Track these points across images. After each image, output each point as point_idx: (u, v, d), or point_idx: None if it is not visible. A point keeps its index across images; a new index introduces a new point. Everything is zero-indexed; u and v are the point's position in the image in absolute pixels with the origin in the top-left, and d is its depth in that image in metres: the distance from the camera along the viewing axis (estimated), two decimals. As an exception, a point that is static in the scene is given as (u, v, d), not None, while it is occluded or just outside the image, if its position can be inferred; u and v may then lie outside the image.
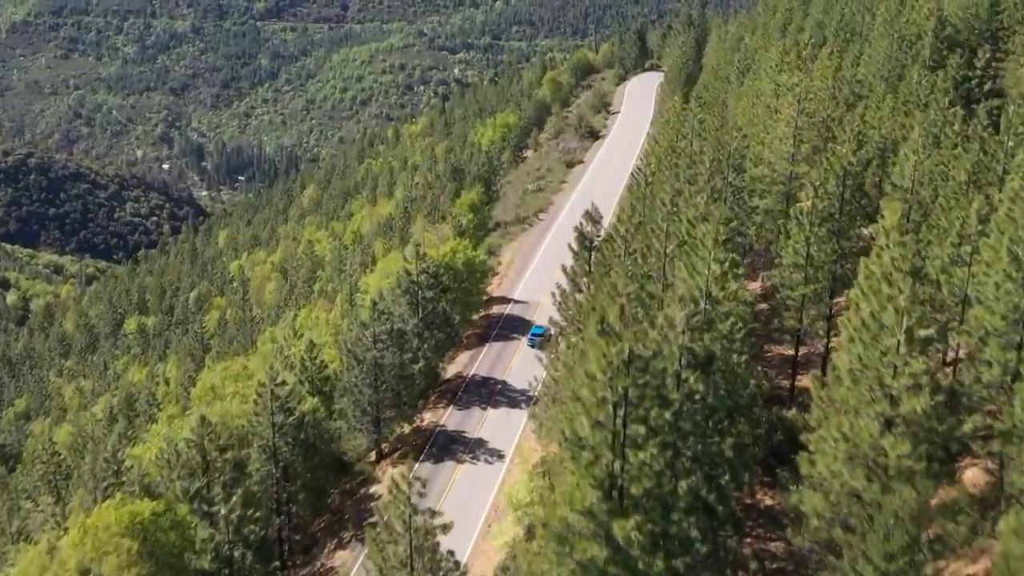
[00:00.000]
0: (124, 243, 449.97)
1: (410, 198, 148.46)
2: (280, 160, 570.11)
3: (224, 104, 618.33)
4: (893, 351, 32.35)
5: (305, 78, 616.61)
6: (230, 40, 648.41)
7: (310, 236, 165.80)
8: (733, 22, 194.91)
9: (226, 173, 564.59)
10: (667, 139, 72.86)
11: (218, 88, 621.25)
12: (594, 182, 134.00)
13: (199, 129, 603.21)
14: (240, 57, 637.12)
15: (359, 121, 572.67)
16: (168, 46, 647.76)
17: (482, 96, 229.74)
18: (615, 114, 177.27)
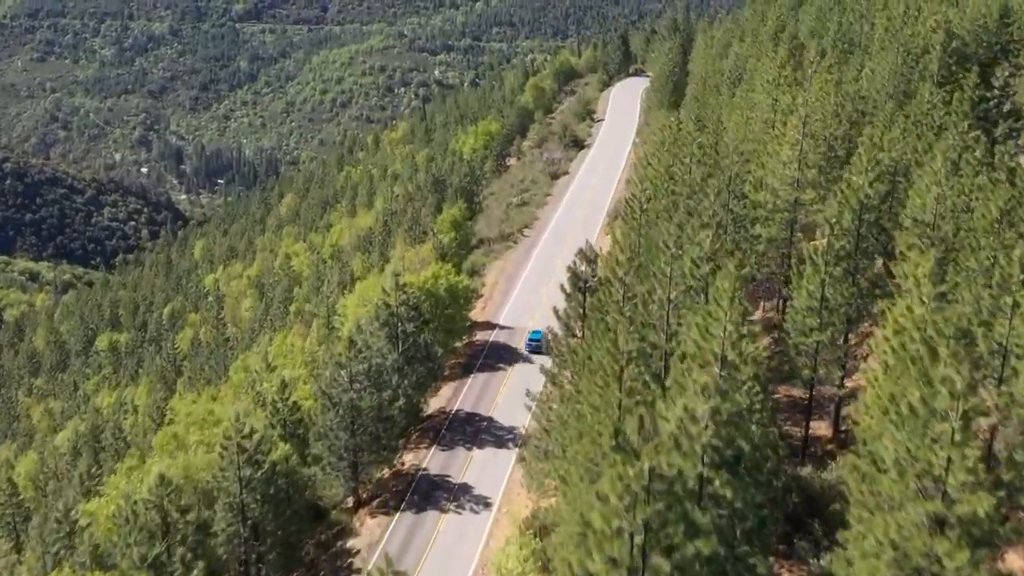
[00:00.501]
0: (102, 249, 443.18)
1: (390, 211, 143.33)
2: (260, 163, 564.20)
3: (203, 107, 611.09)
4: (947, 442, 27.60)
5: (284, 80, 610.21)
6: (209, 42, 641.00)
7: (287, 249, 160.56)
8: (719, 27, 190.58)
9: (205, 176, 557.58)
10: (662, 163, 67.99)
11: (197, 90, 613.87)
12: (580, 194, 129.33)
13: (178, 132, 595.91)
14: (219, 59, 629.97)
15: (339, 123, 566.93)
16: (146, 48, 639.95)
17: (463, 102, 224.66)
18: (599, 122, 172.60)
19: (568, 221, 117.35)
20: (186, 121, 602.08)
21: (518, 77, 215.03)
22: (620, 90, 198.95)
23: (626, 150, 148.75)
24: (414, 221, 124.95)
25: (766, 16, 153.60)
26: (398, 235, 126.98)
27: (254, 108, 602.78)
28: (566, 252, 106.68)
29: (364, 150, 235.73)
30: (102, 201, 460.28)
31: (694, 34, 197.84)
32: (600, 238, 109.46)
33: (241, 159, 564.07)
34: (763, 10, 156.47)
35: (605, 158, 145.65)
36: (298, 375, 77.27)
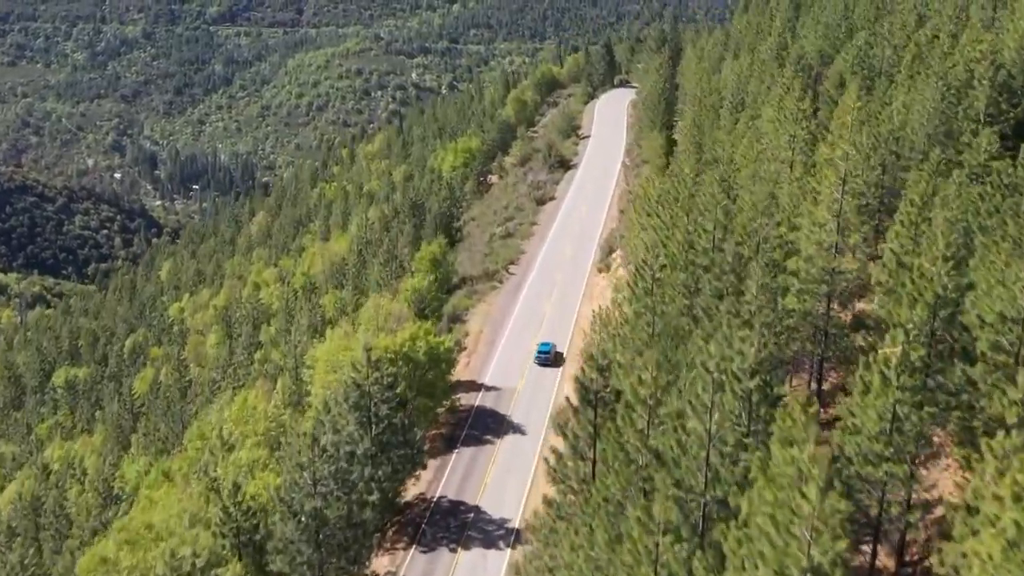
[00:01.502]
0: (74, 258, 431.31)
1: (364, 239, 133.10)
2: (235, 168, 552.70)
3: (177, 111, 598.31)
4: None
5: (260, 84, 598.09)
6: (183, 45, 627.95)
7: (256, 277, 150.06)
8: (707, 38, 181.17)
9: (180, 182, 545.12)
10: (676, 222, 57.82)
11: (171, 95, 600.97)
12: (568, 223, 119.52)
13: (152, 137, 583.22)
14: (193, 63, 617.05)
15: (316, 128, 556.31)
16: (119, 52, 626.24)
17: (442, 114, 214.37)
18: (585, 138, 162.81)
19: (557, 257, 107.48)
20: (160, 126, 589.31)
21: (498, 89, 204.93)
22: (605, 103, 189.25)
23: (615, 171, 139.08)
24: (390, 254, 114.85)
25: (761, 28, 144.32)
26: (373, 268, 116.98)
27: (229, 112, 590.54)
28: (556, 294, 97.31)
29: (339, 164, 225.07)
30: (74, 209, 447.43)
31: (682, 44, 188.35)
32: (592, 278, 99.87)
33: (216, 164, 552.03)
34: (757, 22, 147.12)
35: (593, 180, 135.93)
36: (257, 457, 67.06)
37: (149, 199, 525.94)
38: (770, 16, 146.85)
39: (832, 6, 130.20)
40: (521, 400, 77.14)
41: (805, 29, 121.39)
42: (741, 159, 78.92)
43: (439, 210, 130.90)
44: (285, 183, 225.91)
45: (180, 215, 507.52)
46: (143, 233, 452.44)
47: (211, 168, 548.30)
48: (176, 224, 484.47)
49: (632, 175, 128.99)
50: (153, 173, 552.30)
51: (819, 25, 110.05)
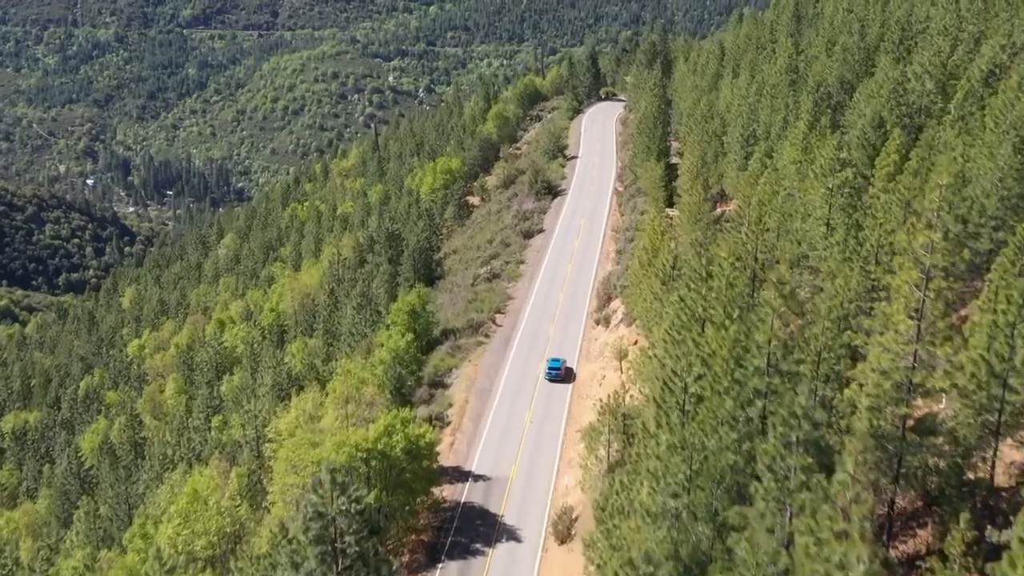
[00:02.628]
0: (44, 268, 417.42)
1: (336, 276, 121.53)
2: (210, 173, 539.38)
3: (151, 116, 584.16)
4: None
5: (235, 88, 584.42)
6: (156, 49, 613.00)
7: (221, 313, 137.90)
8: (699, 50, 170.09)
9: (154, 188, 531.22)
10: (721, 345, 45.78)
11: (144, 99, 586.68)
12: (559, 263, 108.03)
13: (124, 142, 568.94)
14: (167, 66, 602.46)
15: (291, 132, 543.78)
16: (91, 56, 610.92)
17: (419, 129, 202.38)
18: (573, 159, 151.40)
19: (548, 304, 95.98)
20: (133, 131, 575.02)
21: (479, 102, 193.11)
22: (592, 119, 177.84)
23: (607, 199, 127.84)
24: (364, 298, 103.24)
25: (761, 44, 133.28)
26: (346, 311, 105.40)
27: (203, 117, 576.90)
28: (549, 351, 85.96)
29: (312, 180, 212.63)
30: (44, 218, 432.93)
31: (671, 55, 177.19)
32: (588, 330, 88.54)
33: (191, 170, 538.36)
34: (757, 37, 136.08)
35: (584, 210, 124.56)
36: None
37: (122, 206, 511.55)
38: (770, 31, 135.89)
39: (841, 22, 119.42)
40: (515, 493, 65.63)
41: (814, 48, 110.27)
42: (762, 209, 67.56)
43: (417, 244, 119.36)
44: (255, 203, 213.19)
45: (154, 222, 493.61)
46: (115, 242, 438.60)
47: (185, 174, 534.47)
48: (149, 232, 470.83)
49: (627, 204, 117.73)
50: (126, 179, 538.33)
51: (834, 47, 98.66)
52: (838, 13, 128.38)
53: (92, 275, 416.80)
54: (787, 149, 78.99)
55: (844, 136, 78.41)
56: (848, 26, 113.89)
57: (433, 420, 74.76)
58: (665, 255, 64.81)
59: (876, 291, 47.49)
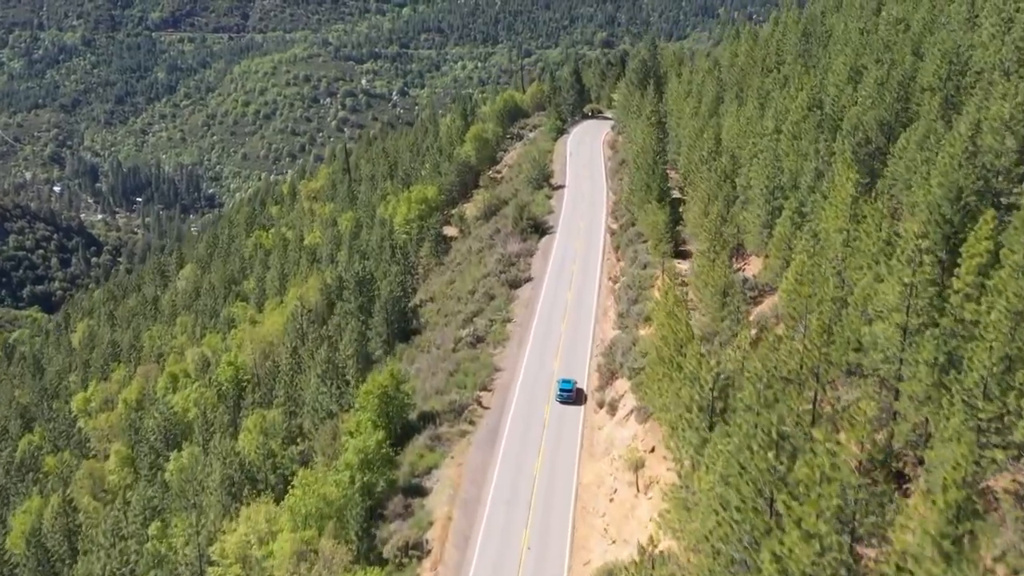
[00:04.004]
0: (8, 280, 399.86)
1: (300, 331, 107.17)
2: (180, 180, 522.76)
3: (119, 121, 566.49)
4: None
5: (205, 92, 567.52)
6: (124, 52, 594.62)
7: (174, 365, 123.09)
8: (691, 67, 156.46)
9: (122, 195, 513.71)
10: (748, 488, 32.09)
11: (112, 104, 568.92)
12: (550, 318, 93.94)
13: (92, 148, 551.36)
14: (135, 70, 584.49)
15: (263, 136, 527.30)
16: (57, 60, 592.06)
17: (393, 148, 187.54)
18: (559, 188, 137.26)
19: (541, 379, 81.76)
20: (101, 136, 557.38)
21: (456, 120, 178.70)
22: (578, 141, 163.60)
23: (600, 240, 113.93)
24: (330, 364, 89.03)
25: (767, 65, 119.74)
26: (309, 381, 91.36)
27: (173, 121, 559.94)
28: (546, 445, 72.05)
29: (278, 203, 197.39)
30: (7, 228, 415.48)
31: (661, 68, 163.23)
32: (590, 416, 74.68)
33: (160, 176, 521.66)
34: (763, 57, 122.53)
35: (576, 253, 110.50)
36: None
37: (90, 213, 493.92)
38: (776, 50, 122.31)
39: (860, 45, 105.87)
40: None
41: (834, 75, 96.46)
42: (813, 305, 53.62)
43: (390, 294, 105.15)
44: (219, 229, 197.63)
45: (122, 231, 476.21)
46: (81, 252, 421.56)
47: (154, 180, 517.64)
48: (117, 241, 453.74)
49: (625, 249, 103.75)
50: (94, 186, 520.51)
51: (859, 77, 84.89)
52: (852, 33, 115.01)
53: (58, 287, 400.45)
54: (829, 214, 65.24)
55: (889, 192, 64.92)
56: (872, 52, 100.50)
57: (409, 550, 60.70)
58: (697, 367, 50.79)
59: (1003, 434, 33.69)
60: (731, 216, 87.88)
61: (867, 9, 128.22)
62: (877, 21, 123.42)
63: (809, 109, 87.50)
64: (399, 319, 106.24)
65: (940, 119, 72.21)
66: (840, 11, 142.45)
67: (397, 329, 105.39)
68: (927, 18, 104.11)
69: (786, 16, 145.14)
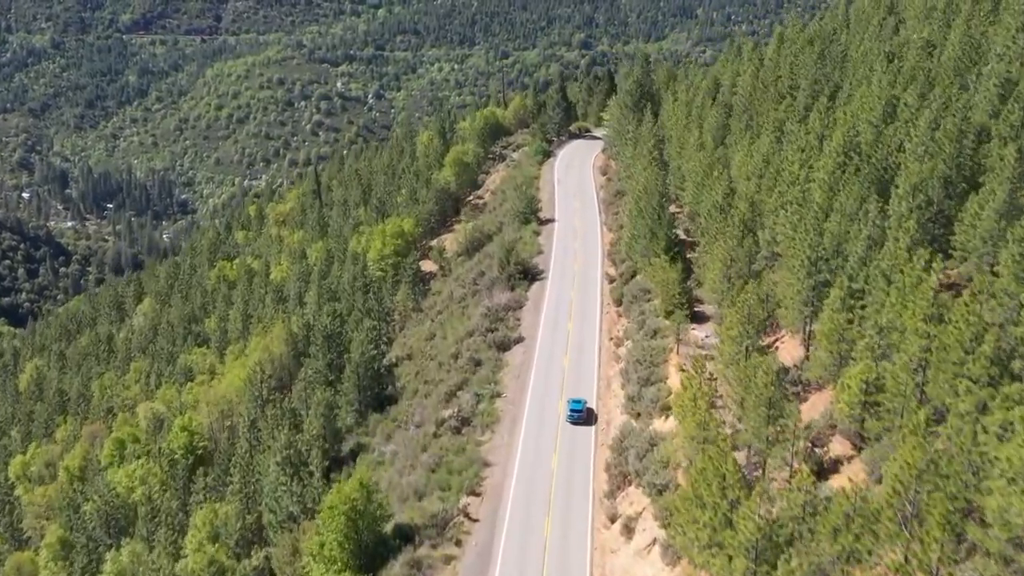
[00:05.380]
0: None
1: (260, 399, 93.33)
2: (152, 185, 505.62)
3: (89, 125, 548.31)
4: None
5: (177, 95, 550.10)
6: (94, 55, 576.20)
7: (122, 429, 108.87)
8: (687, 87, 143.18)
9: (93, 201, 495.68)
10: None
11: (82, 108, 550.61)
12: (547, 392, 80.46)
13: (62, 153, 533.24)
14: (106, 74, 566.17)
15: (236, 141, 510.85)
16: (26, 63, 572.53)
17: (366, 170, 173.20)
18: (548, 223, 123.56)
19: (539, 481, 68.22)
20: (71, 141, 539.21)
21: (433, 139, 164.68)
22: (566, 165, 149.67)
23: (597, 288, 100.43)
24: (292, 450, 75.42)
25: (780, 91, 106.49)
26: (267, 467, 77.73)
27: (145, 126, 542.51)
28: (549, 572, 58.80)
29: (245, 228, 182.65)
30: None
31: (654, 85, 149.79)
32: (597, 533, 61.34)
33: (132, 181, 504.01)
34: (775, 82, 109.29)
35: (572, 306, 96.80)
36: None
37: (59, 220, 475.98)
38: (789, 72, 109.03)
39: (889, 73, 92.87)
40: None
41: (866, 110, 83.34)
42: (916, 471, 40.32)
43: (362, 357, 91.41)
44: (180, 257, 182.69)
45: (92, 239, 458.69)
46: (49, 263, 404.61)
47: (126, 186, 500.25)
48: (87, 250, 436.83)
49: (630, 308, 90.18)
50: (64, 192, 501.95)
51: (920, 127, 71.64)
52: (875, 57, 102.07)
53: (25, 299, 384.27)
54: (896, 303, 52.11)
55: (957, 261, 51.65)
56: (904, 80, 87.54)
57: None
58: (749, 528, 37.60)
59: None
60: (758, 278, 74.66)
61: (885, 28, 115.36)
62: (898, 41, 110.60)
63: (845, 154, 74.37)
64: (372, 382, 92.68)
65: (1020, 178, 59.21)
66: (849, 28, 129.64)
67: (370, 396, 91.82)
68: (964, 42, 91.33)
69: (792, 32, 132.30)
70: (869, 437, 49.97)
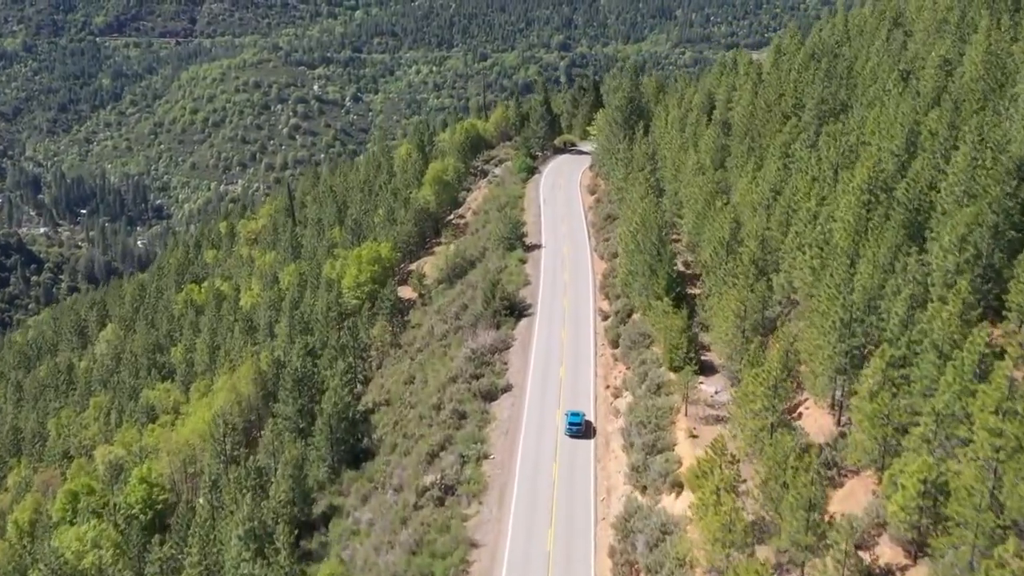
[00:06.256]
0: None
1: (223, 455, 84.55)
2: (126, 190, 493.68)
3: (62, 129, 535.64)
4: None
5: (151, 99, 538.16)
6: (67, 58, 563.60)
7: (76, 477, 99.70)
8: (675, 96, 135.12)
9: (66, 207, 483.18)
10: None
11: (55, 112, 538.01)
12: (539, 452, 71.96)
13: (34, 158, 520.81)
14: (79, 77, 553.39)
15: (212, 145, 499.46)
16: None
17: (341, 185, 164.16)
18: (535, 249, 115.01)
19: (535, 563, 59.79)
20: (43, 146, 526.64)
21: (412, 153, 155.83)
22: (552, 183, 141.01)
23: (590, 326, 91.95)
24: (258, 524, 66.74)
25: (785, 111, 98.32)
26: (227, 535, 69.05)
27: (119, 130, 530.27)
28: None
29: (215, 247, 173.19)
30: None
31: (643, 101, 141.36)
32: None
33: (106, 186, 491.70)
34: (779, 104, 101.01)
35: (563, 348, 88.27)
36: None
37: (32, 226, 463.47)
38: (793, 90, 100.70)
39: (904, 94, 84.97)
40: None
41: (889, 139, 75.24)
42: None
43: (335, 408, 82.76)
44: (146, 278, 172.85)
45: (65, 246, 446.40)
46: (20, 271, 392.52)
47: (100, 191, 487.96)
48: (59, 257, 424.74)
49: (629, 355, 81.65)
50: (36, 198, 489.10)
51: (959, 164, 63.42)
52: (888, 75, 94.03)
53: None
54: (953, 383, 43.99)
55: None
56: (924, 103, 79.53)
57: None
58: None
59: None
60: (774, 330, 66.43)
61: (893, 41, 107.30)
62: (907, 56, 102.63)
63: (870, 191, 66.15)
64: (347, 434, 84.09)
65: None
66: (851, 41, 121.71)
67: (344, 449, 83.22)
68: (987, 60, 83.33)
69: (789, 44, 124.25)
70: (932, 552, 41.75)
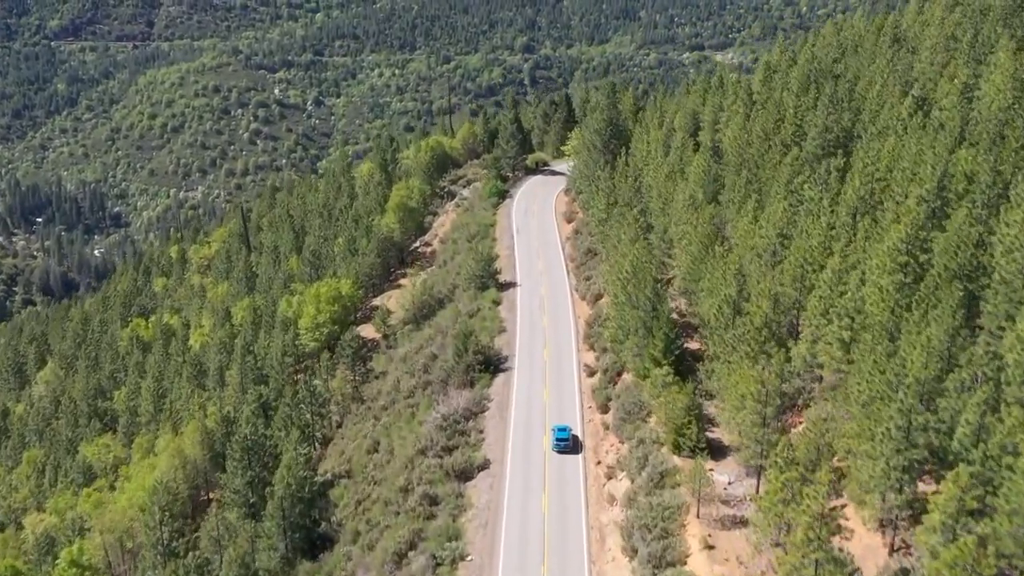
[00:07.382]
0: None
1: (162, 545, 73.23)
2: (83, 198, 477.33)
3: (16, 136, 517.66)
4: None
5: (108, 104, 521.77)
6: (21, 63, 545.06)
7: (3, 556, 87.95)
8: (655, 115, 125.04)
9: (21, 216, 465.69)
10: None
11: (9, 118, 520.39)
12: (526, 551, 61.33)
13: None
14: (33, 82, 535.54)
15: (171, 151, 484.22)
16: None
17: (299, 208, 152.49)
18: (509, 288, 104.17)
19: None
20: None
21: (375, 174, 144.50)
22: (524, 209, 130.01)
23: (575, 385, 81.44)
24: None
25: (783, 127, 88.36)
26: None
27: (75, 136, 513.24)
28: None
29: (165, 274, 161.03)
30: None
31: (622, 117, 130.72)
32: None
33: (62, 194, 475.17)
34: (778, 131, 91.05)
35: (547, 414, 77.70)
36: None
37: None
38: (794, 114, 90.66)
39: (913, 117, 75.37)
40: None
41: (915, 181, 65.39)
42: None
43: (287, 488, 71.75)
44: (91, 309, 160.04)
45: (19, 256, 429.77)
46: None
47: (56, 199, 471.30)
48: (13, 269, 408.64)
49: (623, 428, 71.03)
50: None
51: (1014, 221, 53.59)
52: (896, 99, 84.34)
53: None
54: None
55: None
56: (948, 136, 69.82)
57: None
58: None
59: None
60: (798, 414, 56.23)
61: (898, 62, 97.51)
62: (912, 77, 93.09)
63: (908, 252, 56.11)
64: (302, 516, 73.14)
65: None
66: (845, 58, 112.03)
67: (300, 536, 72.22)
68: (1015, 86, 73.80)
69: (779, 60, 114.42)
70: None
